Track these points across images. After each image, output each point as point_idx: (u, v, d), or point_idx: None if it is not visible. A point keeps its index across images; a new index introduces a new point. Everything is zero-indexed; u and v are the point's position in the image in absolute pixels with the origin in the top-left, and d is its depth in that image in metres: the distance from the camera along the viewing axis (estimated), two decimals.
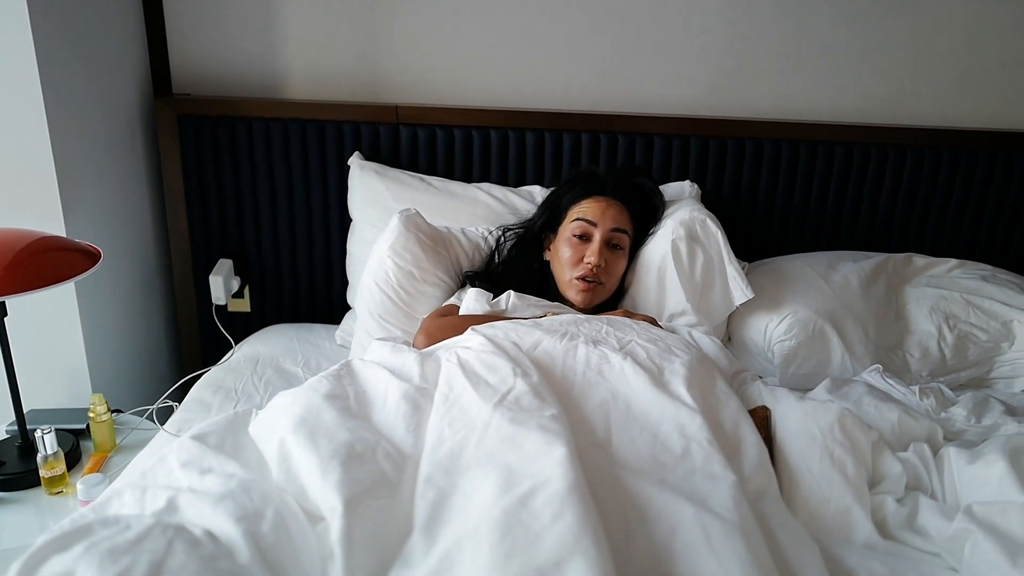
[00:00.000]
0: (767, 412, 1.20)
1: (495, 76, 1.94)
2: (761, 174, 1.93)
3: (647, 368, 1.14)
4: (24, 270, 1.36)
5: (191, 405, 1.58)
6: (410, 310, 1.60)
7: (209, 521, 0.84)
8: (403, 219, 1.60)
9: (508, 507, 0.81)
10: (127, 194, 1.86)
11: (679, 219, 1.61)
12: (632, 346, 1.22)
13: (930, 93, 1.98)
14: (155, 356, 2.05)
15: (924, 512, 1.06)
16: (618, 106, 1.96)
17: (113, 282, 1.80)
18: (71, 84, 1.60)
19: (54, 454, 1.43)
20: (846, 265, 1.77)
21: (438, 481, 0.91)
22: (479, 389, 1.05)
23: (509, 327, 1.29)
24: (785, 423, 1.16)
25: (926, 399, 1.41)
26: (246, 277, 2.00)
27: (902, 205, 1.96)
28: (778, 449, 1.12)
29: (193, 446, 1.00)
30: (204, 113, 1.86)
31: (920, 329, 1.72)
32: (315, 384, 1.11)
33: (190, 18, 1.89)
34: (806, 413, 1.15)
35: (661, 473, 0.96)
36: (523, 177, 1.92)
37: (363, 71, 1.94)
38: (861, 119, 1.98)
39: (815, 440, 1.10)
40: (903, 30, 1.92)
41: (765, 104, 1.97)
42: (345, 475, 0.88)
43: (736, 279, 1.61)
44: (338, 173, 1.90)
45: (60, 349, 1.69)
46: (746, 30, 1.91)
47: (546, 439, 0.91)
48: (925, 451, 1.19)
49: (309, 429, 0.97)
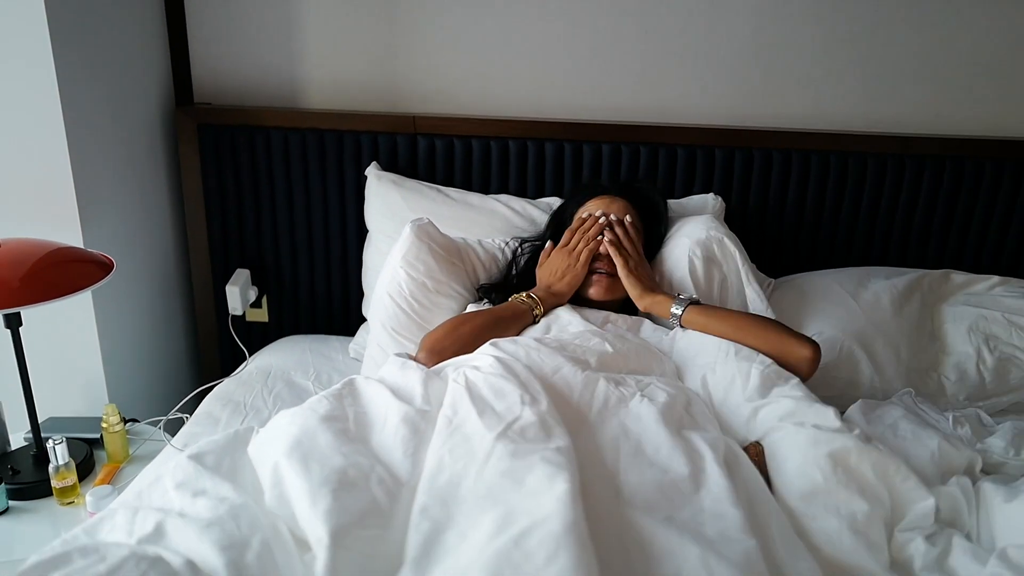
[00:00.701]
0: (759, 448, 1.13)
1: (514, 86, 1.91)
2: (789, 186, 1.86)
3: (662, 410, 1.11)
4: (39, 281, 1.37)
5: (200, 419, 1.57)
6: (424, 323, 1.56)
7: (193, 550, 0.82)
8: (415, 229, 1.57)
9: (501, 547, 0.77)
10: (146, 203, 1.87)
11: (696, 238, 1.56)
12: (651, 388, 1.19)
13: (969, 101, 1.89)
14: (173, 366, 2.06)
15: (956, 553, 0.99)
16: (641, 116, 1.91)
17: (131, 291, 1.80)
18: (91, 94, 1.61)
19: (66, 464, 1.43)
20: (878, 282, 1.69)
21: (434, 513, 0.87)
22: (484, 416, 1.01)
23: (532, 346, 1.25)
24: (784, 464, 1.08)
25: (961, 427, 1.33)
26: (264, 287, 1.99)
27: (939, 219, 1.87)
28: (779, 495, 1.05)
29: (189, 466, 0.99)
30: (224, 122, 1.87)
31: (958, 350, 1.63)
32: (315, 404, 1.08)
33: (211, 28, 1.89)
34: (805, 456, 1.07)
35: (668, 510, 0.91)
36: (542, 188, 1.88)
37: (381, 81, 1.92)
38: (895, 128, 1.90)
39: (817, 487, 1.03)
40: (938, 37, 1.84)
41: (793, 113, 1.90)
42: (334, 503, 0.85)
43: (755, 301, 1.55)
44: (355, 183, 1.88)
45: (78, 358, 1.70)
46: (773, 38, 1.85)
47: (548, 473, 0.87)
48: (968, 485, 1.12)
49: (303, 453, 0.95)
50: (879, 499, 1.04)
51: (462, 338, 1.37)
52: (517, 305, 1.47)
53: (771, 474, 1.09)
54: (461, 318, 1.44)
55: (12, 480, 1.46)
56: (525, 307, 1.46)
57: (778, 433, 1.13)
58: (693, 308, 1.41)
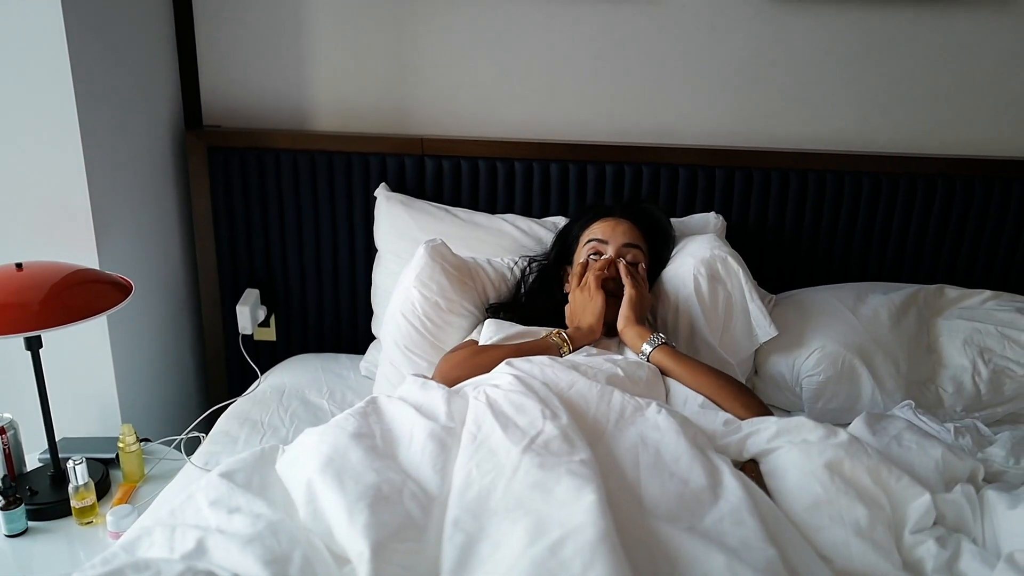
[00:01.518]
0: (755, 465, 1.17)
1: (520, 108, 1.96)
2: (788, 205, 1.91)
3: (680, 421, 1.14)
4: (59, 304, 1.39)
5: (218, 437, 1.59)
6: (436, 340, 1.60)
7: (238, 565, 0.84)
8: (429, 249, 1.61)
9: (537, 556, 0.80)
10: (158, 225, 1.89)
11: (700, 257, 1.61)
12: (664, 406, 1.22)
13: (962, 122, 1.95)
14: (183, 385, 2.07)
15: (966, 558, 1.03)
16: (643, 137, 1.96)
17: (143, 312, 1.82)
18: (106, 118, 1.64)
19: (85, 485, 1.45)
20: (875, 297, 1.74)
21: (466, 525, 0.90)
22: (508, 431, 1.04)
23: (546, 364, 1.29)
24: (784, 481, 1.12)
25: (962, 438, 1.38)
26: (272, 307, 2.02)
27: (933, 236, 1.93)
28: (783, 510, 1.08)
29: (221, 484, 1.01)
30: (233, 145, 1.90)
31: (953, 363, 1.68)
32: (342, 422, 1.11)
33: (221, 52, 1.93)
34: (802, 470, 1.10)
35: (691, 519, 0.95)
36: (547, 208, 1.92)
37: (389, 103, 1.96)
38: (891, 148, 1.96)
39: (819, 498, 1.06)
40: (934, 58, 1.90)
41: (791, 134, 1.96)
42: (372, 518, 0.88)
43: (759, 317, 1.60)
44: (364, 204, 1.92)
45: (91, 379, 1.72)
46: (771, 61, 1.91)
47: (576, 485, 0.90)
48: (972, 493, 1.15)
49: (336, 470, 0.98)
50: (878, 502, 1.08)
51: (481, 368, 1.37)
52: (547, 342, 1.47)
53: (772, 492, 1.12)
54: (480, 350, 1.44)
55: (30, 501, 1.47)
56: (553, 345, 1.46)
57: (773, 452, 1.17)
58: (663, 349, 1.44)
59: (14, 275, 1.40)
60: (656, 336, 1.46)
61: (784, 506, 1.08)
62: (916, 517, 1.06)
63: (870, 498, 1.06)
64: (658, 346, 1.45)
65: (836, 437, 1.14)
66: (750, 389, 1.42)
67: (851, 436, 1.15)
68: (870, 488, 1.07)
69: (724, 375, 1.43)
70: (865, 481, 1.08)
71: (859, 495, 1.06)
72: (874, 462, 1.09)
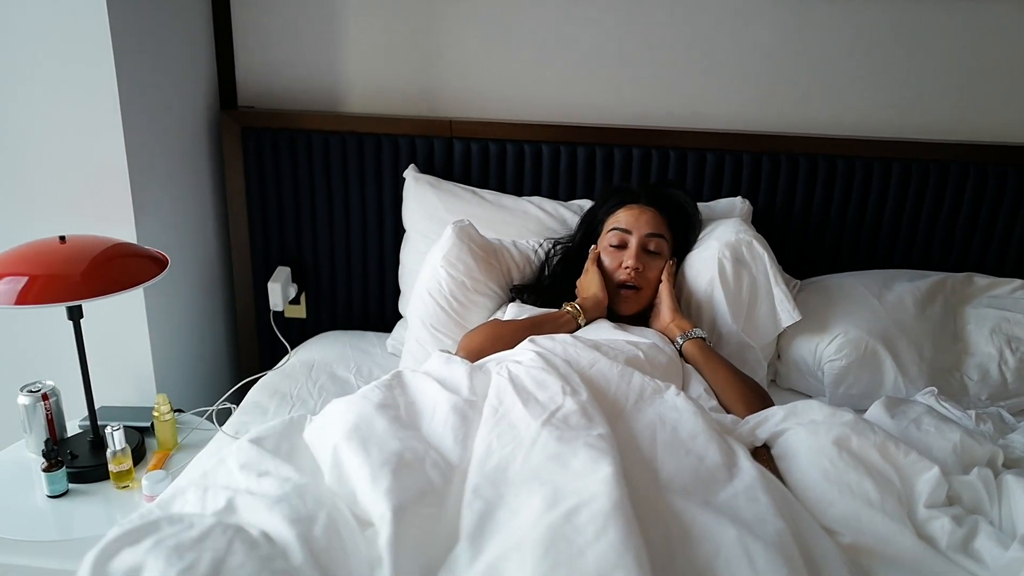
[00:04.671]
0: (767, 451, 1.20)
1: (547, 91, 1.97)
2: (815, 190, 1.90)
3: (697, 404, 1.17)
4: (100, 275, 1.44)
5: (248, 408, 1.64)
6: (461, 319, 1.63)
7: (265, 523, 0.88)
8: (456, 230, 1.64)
9: (553, 522, 0.83)
10: (193, 203, 1.95)
11: (725, 241, 1.61)
12: None
13: (993, 108, 1.92)
14: (216, 359, 2.14)
15: (981, 537, 1.04)
16: (670, 121, 1.96)
17: (178, 287, 1.88)
18: (146, 99, 1.69)
19: (122, 450, 1.51)
20: (901, 284, 1.73)
21: (485, 493, 0.93)
22: (528, 405, 1.07)
23: (568, 342, 1.32)
24: (795, 461, 1.14)
25: (983, 424, 1.37)
26: (303, 285, 2.07)
27: (963, 223, 1.91)
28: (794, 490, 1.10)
29: (251, 449, 1.05)
30: (266, 125, 1.94)
31: (980, 351, 1.67)
32: (368, 393, 1.15)
33: (256, 35, 1.97)
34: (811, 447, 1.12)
35: (705, 494, 0.97)
36: (573, 191, 1.94)
37: (419, 86, 1.99)
38: (922, 134, 1.94)
39: (828, 473, 1.08)
40: (964, 44, 1.87)
41: (818, 119, 1.95)
42: (395, 483, 0.92)
43: (783, 301, 1.60)
44: (393, 185, 1.95)
45: (128, 350, 1.78)
46: (798, 46, 1.89)
47: (592, 457, 0.93)
48: (989, 476, 1.16)
49: (361, 437, 1.01)
50: (887, 476, 1.09)
51: (502, 339, 1.43)
52: (560, 313, 1.53)
53: (784, 473, 1.14)
54: (502, 322, 1.50)
55: (71, 464, 1.53)
56: (568, 316, 1.52)
57: (782, 435, 1.20)
58: (696, 342, 1.50)
59: (58, 248, 1.46)
60: (695, 330, 1.51)
61: (795, 483, 1.09)
62: (928, 491, 1.07)
63: (879, 472, 1.08)
64: (692, 339, 1.49)
65: (842, 416, 1.16)
66: (771, 399, 1.43)
67: (856, 415, 1.17)
68: (878, 463, 1.09)
69: (750, 381, 1.45)
70: (873, 457, 1.09)
71: (867, 470, 1.07)
72: (880, 438, 1.10)
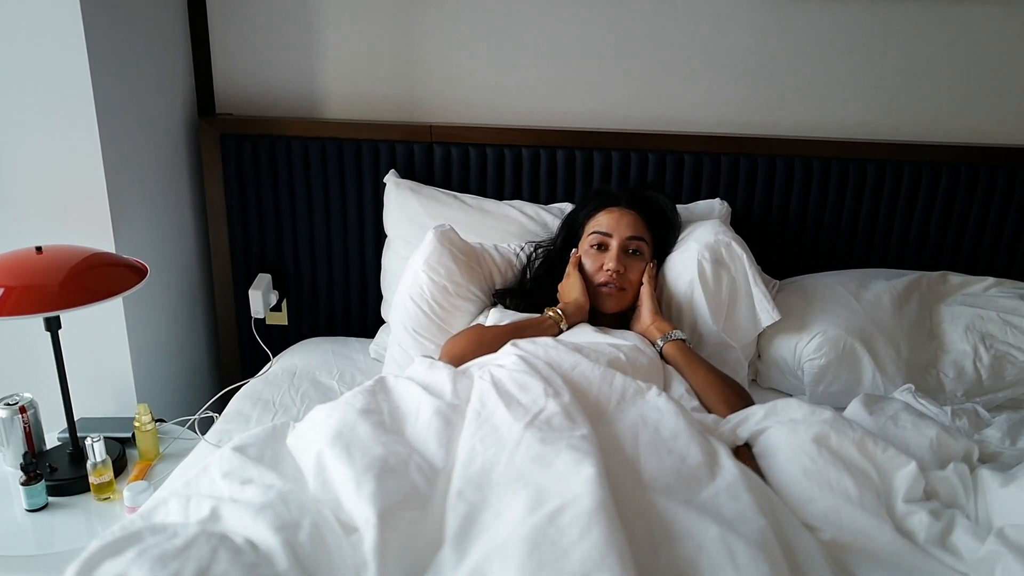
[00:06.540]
0: (748, 450, 1.21)
1: (527, 96, 1.98)
2: (792, 192, 1.93)
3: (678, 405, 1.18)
4: (78, 285, 1.43)
5: (231, 416, 1.63)
6: (444, 324, 1.63)
7: (250, 530, 0.88)
8: (438, 234, 1.64)
9: (537, 524, 0.83)
10: (172, 211, 1.93)
11: (704, 242, 1.63)
12: None
13: (966, 110, 1.96)
14: (197, 367, 2.12)
15: (958, 531, 1.05)
16: (649, 124, 1.98)
17: (158, 296, 1.87)
18: (122, 107, 1.68)
19: (103, 462, 1.50)
20: (878, 283, 1.76)
21: (469, 496, 0.94)
22: (511, 408, 1.08)
23: (550, 345, 1.32)
24: (775, 459, 1.15)
25: (959, 420, 1.40)
26: (284, 291, 2.06)
27: (936, 223, 1.94)
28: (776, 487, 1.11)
29: (234, 457, 1.05)
30: (245, 132, 1.93)
31: (955, 348, 1.70)
32: (350, 399, 1.14)
33: (234, 41, 1.96)
34: (791, 445, 1.14)
35: (687, 493, 0.98)
36: (554, 194, 1.95)
37: (398, 91, 1.99)
38: (895, 136, 1.97)
39: (808, 470, 1.10)
40: (938, 46, 1.91)
41: (795, 122, 1.98)
42: (379, 488, 0.92)
43: (763, 301, 1.62)
44: (374, 191, 1.95)
45: (108, 360, 1.77)
46: (776, 49, 1.92)
47: (575, 459, 0.93)
48: (965, 471, 1.18)
49: (345, 443, 1.01)
50: (865, 472, 1.11)
51: (484, 344, 1.43)
52: (543, 318, 1.54)
53: (765, 471, 1.16)
54: (484, 328, 1.51)
55: (50, 477, 1.52)
56: (550, 320, 1.53)
57: (762, 433, 1.21)
58: (676, 343, 1.50)
59: (34, 258, 1.45)
60: (675, 332, 1.52)
61: (776, 481, 1.11)
62: (906, 486, 1.08)
63: (857, 469, 1.09)
64: (672, 340, 1.50)
65: (821, 414, 1.18)
66: (751, 398, 1.44)
67: (835, 413, 1.19)
68: (857, 459, 1.10)
69: (731, 381, 1.46)
70: (852, 453, 1.11)
71: (847, 467, 1.09)
72: (859, 435, 1.12)
